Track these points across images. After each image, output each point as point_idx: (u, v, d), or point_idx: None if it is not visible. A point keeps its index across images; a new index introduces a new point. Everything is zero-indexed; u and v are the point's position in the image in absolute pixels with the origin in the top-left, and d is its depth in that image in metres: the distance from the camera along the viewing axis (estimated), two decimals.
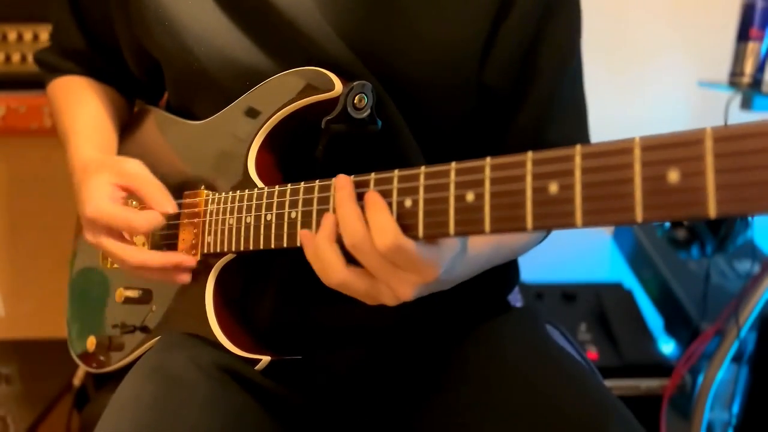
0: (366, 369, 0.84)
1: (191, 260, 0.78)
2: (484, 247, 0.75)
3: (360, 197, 0.60)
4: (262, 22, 0.75)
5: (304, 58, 0.73)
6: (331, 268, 0.61)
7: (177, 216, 0.82)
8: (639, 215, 0.43)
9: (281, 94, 0.73)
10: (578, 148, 0.47)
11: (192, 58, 0.78)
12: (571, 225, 0.46)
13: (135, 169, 0.79)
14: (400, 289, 0.61)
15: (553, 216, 0.47)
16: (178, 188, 0.83)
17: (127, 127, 0.97)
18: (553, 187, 0.47)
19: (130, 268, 0.78)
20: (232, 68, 0.77)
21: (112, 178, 0.78)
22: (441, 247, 0.59)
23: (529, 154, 0.49)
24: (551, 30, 0.78)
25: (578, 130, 0.84)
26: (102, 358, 0.90)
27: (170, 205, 0.77)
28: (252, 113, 0.75)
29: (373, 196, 0.59)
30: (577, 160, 0.46)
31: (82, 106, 0.93)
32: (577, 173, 0.46)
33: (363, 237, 0.59)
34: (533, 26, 0.77)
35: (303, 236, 0.64)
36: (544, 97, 0.80)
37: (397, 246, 0.57)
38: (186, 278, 0.78)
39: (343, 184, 0.61)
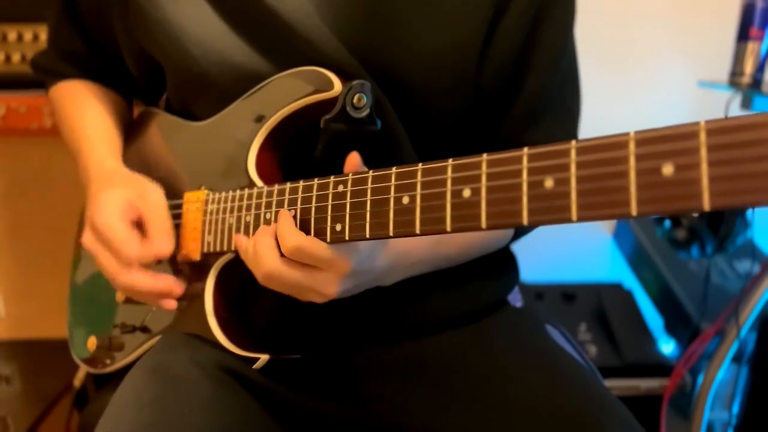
0: (364, 368, 0.84)
1: (180, 289, 0.78)
2: (414, 241, 0.75)
3: (360, 194, 0.61)
4: (261, 26, 0.75)
5: (303, 61, 0.73)
6: (264, 255, 0.66)
7: (178, 216, 0.82)
8: (634, 209, 0.43)
9: (281, 94, 0.73)
10: (573, 142, 0.47)
11: (192, 61, 0.78)
12: (566, 220, 0.46)
13: (155, 200, 0.80)
14: (323, 288, 0.66)
15: (549, 210, 0.48)
16: (179, 188, 0.84)
17: (129, 129, 0.97)
18: (549, 182, 0.47)
19: (117, 286, 0.78)
20: (232, 71, 0.77)
21: (132, 197, 0.79)
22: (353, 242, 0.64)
23: (525, 150, 0.50)
24: (545, 29, 0.78)
25: (566, 131, 0.84)
26: (103, 359, 0.90)
27: (167, 249, 0.77)
28: (252, 114, 0.76)
29: (281, 212, 0.67)
30: (573, 154, 0.46)
31: (88, 112, 0.93)
32: (573, 168, 0.46)
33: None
34: (528, 26, 0.78)
35: (237, 239, 0.72)
36: (533, 96, 0.80)
37: (296, 247, 0.64)
38: (172, 305, 0.78)
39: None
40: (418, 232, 0.56)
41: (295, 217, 0.67)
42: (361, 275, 0.69)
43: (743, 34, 1.37)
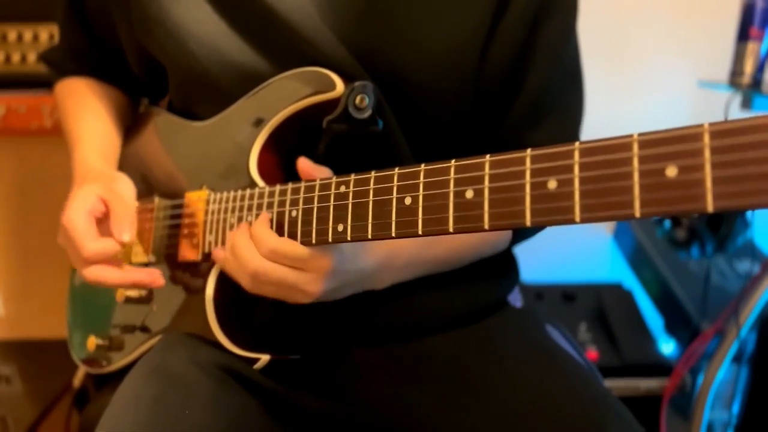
0: (365, 368, 0.84)
1: (150, 279, 0.78)
2: (403, 242, 0.76)
3: (362, 195, 0.61)
4: (262, 26, 0.75)
5: (304, 61, 0.73)
6: (247, 257, 0.68)
7: (179, 216, 0.82)
8: (637, 210, 0.43)
9: (283, 95, 0.73)
10: (577, 144, 0.47)
11: (194, 60, 0.78)
12: (569, 221, 0.46)
13: (119, 189, 0.80)
14: (307, 286, 0.68)
15: (552, 212, 0.48)
16: (181, 187, 0.84)
17: (130, 128, 0.98)
18: (552, 184, 0.48)
19: (86, 280, 0.78)
20: (234, 71, 0.77)
21: (100, 190, 0.79)
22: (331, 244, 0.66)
23: (528, 151, 0.50)
24: (545, 29, 0.78)
25: (567, 131, 0.84)
26: (103, 359, 0.90)
27: (124, 235, 0.77)
28: (254, 114, 0.76)
29: (261, 215, 0.69)
30: (576, 156, 0.47)
31: (87, 112, 0.93)
32: (576, 169, 0.46)
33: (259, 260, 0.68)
34: (528, 25, 0.77)
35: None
36: (533, 96, 0.80)
37: (271, 250, 0.66)
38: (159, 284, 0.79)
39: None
40: (420, 232, 0.56)
41: (296, 217, 0.67)
42: (346, 274, 0.70)
43: (743, 34, 1.37)
